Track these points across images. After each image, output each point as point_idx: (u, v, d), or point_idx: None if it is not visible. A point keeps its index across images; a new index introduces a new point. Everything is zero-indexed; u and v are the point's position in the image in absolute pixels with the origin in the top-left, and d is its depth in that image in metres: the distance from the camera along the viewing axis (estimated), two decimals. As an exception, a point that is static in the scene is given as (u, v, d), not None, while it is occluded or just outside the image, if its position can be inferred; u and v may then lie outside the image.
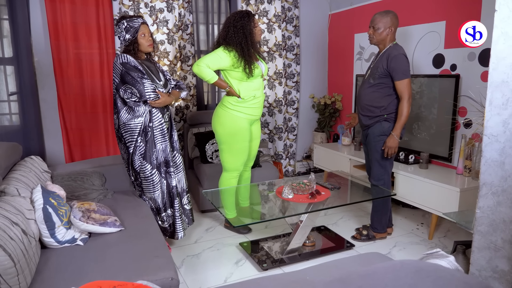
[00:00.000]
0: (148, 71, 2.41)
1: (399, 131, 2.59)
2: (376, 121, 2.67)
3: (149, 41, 2.41)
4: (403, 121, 2.58)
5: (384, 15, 2.59)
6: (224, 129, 2.76)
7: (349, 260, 1.65)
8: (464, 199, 2.61)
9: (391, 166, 2.77)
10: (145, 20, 2.42)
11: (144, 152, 2.40)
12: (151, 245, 1.89)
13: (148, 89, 2.31)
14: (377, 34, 2.61)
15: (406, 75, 2.54)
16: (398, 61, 2.53)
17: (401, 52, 2.56)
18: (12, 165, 2.28)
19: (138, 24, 2.35)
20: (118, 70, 2.33)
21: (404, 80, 2.54)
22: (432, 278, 0.81)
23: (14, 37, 3.15)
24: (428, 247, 2.76)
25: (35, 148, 3.32)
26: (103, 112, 3.54)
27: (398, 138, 2.60)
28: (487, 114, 1.67)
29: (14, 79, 3.23)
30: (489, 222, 1.71)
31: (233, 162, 2.83)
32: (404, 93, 2.54)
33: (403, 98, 2.55)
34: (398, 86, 2.56)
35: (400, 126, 2.59)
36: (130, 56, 2.35)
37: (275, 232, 2.97)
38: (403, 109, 2.55)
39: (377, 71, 2.63)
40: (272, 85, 4.20)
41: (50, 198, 1.90)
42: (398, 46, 2.62)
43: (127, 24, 2.34)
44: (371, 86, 2.68)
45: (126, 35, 2.34)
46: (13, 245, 1.43)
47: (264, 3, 3.98)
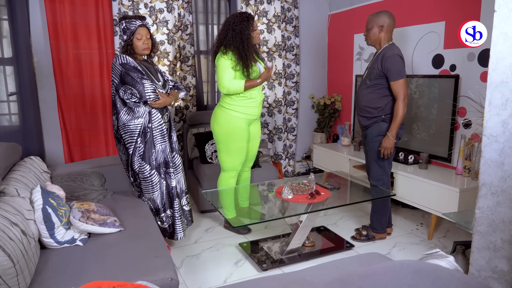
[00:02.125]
0: (147, 72, 2.41)
1: (394, 132, 2.58)
2: (374, 121, 2.68)
3: (145, 44, 2.39)
4: (399, 122, 2.57)
5: (375, 15, 2.61)
6: (221, 128, 2.77)
7: (349, 261, 1.65)
8: (464, 200, 2.61)
9: (389, 166, 2.77)
10: (144, 23, 2.40)
11: (143, 153, 2.39)
12: (150, 245, 1.89)
13: (148, 89, 2.31)
14: (371, 34, 2.63)
15: (401, 75, 2.53)
16: (392, 62, 2.52)
17: (395, 52, 2.54)
18: (12, 165, 2.27)
19: (135, 27, 2.35)
20: (118, 71, 2.33)
21: (399, 80, 2.53)
22: (432, 279, 0.81)
23: (13, 37, 3.15)
24: (427, 247, 2.77)
25: (34, 148, 3.32)
26: (103, 112, 3.54)
27: (394, 138, 2.59)
28: (487, 114, 1.67)
29: (13, 80, 3.23)
30: (489, 222, 1.71)
31: (230, 162, 2.83)
32: (399, 93, 2.54)
33: (398, 98, 2.54)
34: (393, 87, 2.56)
35: (395, 127, 2.58)
36: (128, 56, 2.36)
37: (275, 232, 2.97)
38: (398, 110, 2.54)
39: (373, 72, 2.64)
40: (272, 85, 4.20)
41: (50, 198, 1.90)
42: (394, 46, 2.60)
43: (125, 25, 2.35)
44: (368, 87, 2.68)
45: (124, 36, 2.36)
46: (13, 246, 1.43)
47: (264, 4, 3.98)
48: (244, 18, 2.64)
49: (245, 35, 2.63)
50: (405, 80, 2.55)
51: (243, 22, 2.63)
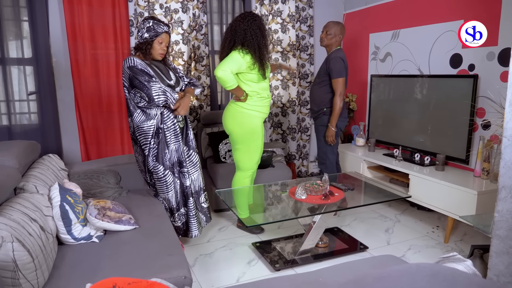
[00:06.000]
0: (156, 72, 2.40)
1: (334, 122, 3.08)
2: (319, 113, 3.20)
3: (163, 50, 2.41)
4: (337, 114, 3.06)
5: (337, 25, 3.11)
6: (242, 129, 2.78)
7: (363, 262, 1.64)
8: (482, 202, 2.55)
9: (332, 152, 3.26)
10: (170, 31, 2.43)
11: (157, 154, 2.41)
12: (164, 243, 1.91)
13: (156, 92, 2.28)
14: (329, 38, 3.10)
15: (340, 75, 3.01)
16: (335, 63, 3.01)
17: (339, 55, 3.03)
18: (31, 162, 2.33)
19: (162, 31, 2.35)
20: (126, 74, 2.34)
21: (338, 79, 3.01)
22: (449, 283, 0.80)
23: (33, 38, 3.22)
24: (444, 250, 2.72)
25: (52, 146, 3.39)
26: (119, 111, 3.59)
27: (334, 128, 3.09)
28: (507, 115, 1.63)
29: (33, 79, 3.31)
30: (508, 226, 1.66)
31: (248, 162, 2.86)
32: (337, 90, 3.03)
33: (336, 94, 3.03)
34: (333, 84, 3.05)
35: (334, 118, 3.07)
36: (137, 58, 2.35)
37: (288, 232, 2.97)
38: (336, 103, 3.04)
39: (321, 71, 3.15)
40: (286, 85, 4.18)
41: (67, 195, 1.93)
42: (340, 50, 3.11)
43: (152, 24, 2.33)
44: (317, 84, 3.21)
45: (145, 34, 2.34)
46: (32, 241, 1.47)
47: (278, 3, 3.98)
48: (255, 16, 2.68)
49: (264, 31, 2.69)
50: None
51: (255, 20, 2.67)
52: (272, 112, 4.21)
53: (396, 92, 3.61)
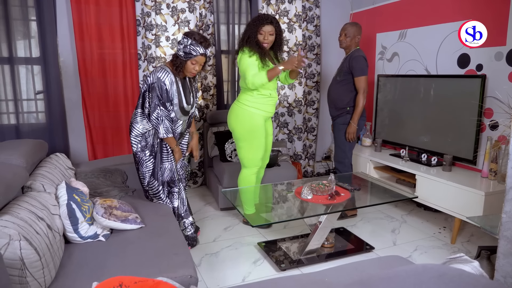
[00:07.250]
0: (179, 92, 2.39)
1: (356, 119, 3.11)
2: (341, 112, 3.21)
3: (195, 70, 2.37)
4: (359, 111, 3.09)
5: (354, 26, 3.14)
6: (243, 126, 2.80)
7: (369, 263, 1.63)
8: (489, 203, 2.53)
9: (350, 151, 3.28)
10: (207, 53, 2.35)
11: (152, 170, 2.45)
12: (170, 242, 1.91)
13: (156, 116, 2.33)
14: (348, 40, 3.13)
15: (363, 73, 3.04)
16: (357, 61, 3.04)
17: (361, 54, 3.06)
18: (38, 161, 2.35)
19: (197, 54, 2.29)
20: (151, 79, 2.34)
21: (361, 76, 3.04)
22: (456, 284, 0.79)
23: (41, 37, 3.25)
24: (450, 251, 2.70)
25: (60, 145, 3.42)
26: (125, 111, 3.61)
27: (356, 125, 3.13)
28: (516, 115, 1.61)
29: (41, 78, 3.34)
30: (516, 227, 1.65)
31: (252, 158, 2.87)
32: (360, 88, 3.05)
33: (359, 91, 3.06)
34: (356, 82, 3.07)
35: (357, 115, 3.10)
36: (169, 69, 2.34)
37: (293, 232, 2.96)
38: (359, 101, 3.07)
39: (342, 70, 3.16)
40: (292, 85, 4.18)
41: (74, 194, 1.95)
42: (360, 50, 3.13)
43: (190, 46, 2.28)
44: (337, 83, 3.21)
45: (181, 51, 2.31)
46: (39, 239, 1.48)
47: (285, 3, 3.97)
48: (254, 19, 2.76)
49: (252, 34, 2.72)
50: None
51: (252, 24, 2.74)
52: (278, 112, 4.21)
53: (403, 92, 3.59)
